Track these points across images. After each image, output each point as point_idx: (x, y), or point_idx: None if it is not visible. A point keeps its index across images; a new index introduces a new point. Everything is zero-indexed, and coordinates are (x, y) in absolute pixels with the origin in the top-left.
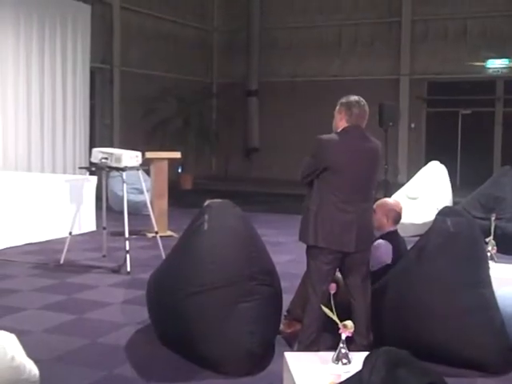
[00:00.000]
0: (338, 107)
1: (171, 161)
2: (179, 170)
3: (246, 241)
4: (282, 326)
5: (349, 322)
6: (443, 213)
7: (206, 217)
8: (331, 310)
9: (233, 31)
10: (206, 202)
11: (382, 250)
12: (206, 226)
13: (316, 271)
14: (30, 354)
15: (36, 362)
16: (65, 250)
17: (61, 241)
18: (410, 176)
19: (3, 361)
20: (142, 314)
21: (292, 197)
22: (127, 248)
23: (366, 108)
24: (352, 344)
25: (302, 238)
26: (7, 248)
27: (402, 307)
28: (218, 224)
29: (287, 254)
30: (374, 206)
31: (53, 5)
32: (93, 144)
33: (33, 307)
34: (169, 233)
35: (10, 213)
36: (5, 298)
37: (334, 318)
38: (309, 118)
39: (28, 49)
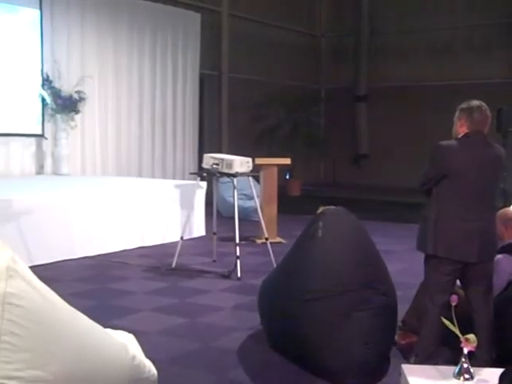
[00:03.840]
0: (457, 113)
1: (279, 167)
2: (287, 176)
3: (360, 248)
4: (396, 337)
5: (471, 336)
6: None
7: (321, 224)
8: (452, 323)
9: (341, 36)
10: (320, 209)
11: (506, 266)
12: (320, 233)
13: (435, 282)
14: (146, 354)
15: (152, 362)
16: (176, 255)
17: (172, 245)
18: None
19: (125, 359)
20: (253, 320)
21: (403, 204)
22: (238, 253)
23: (488, 113)
24: (473, 359)
25: (421, 247)
26: (122, 251)
27: None
28: (332, 231)
29: (400, 262)
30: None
31: (165, 14)
32: (201, 150)
33: (147, 309)
34: (278, 239)
35: (124, 217)
36: (121, 299)
37: (456, 331)
38: (421, 123)
39: (141, 58)
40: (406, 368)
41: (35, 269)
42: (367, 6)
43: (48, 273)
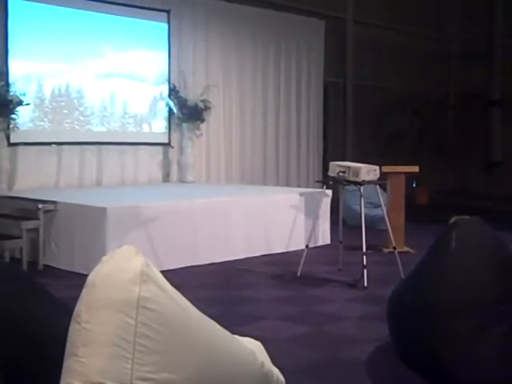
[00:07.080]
0: None
1: (406, 175)
2: (414, 185)
3: (497, 261)
4: None
5: None
6: None
7: (454, 234)
8: None
9: (472, 39)
10: (453, 219)
11: None
12: (453, 244)
13: None
14: (272, 362)
15: (278, 370)
16: (302, 263)
17: (296, 253)
18: None
19: (254, 366)
20: (380, 331)
21: None
22: (364, 263)
23: None
24: None
25: None
26: (246, 258)
27: None
28: (466, 242)
29: None
30: None
31: (288, 23)
32: (326, 158)
33: (272, 316)
34: (406, 248)
35: (248, 224)
36: (247, 307)
37: None
38: None
39: (264, 66)
40: None
41: (163, 274)
42: (502, 6)
43: (175, 278)
